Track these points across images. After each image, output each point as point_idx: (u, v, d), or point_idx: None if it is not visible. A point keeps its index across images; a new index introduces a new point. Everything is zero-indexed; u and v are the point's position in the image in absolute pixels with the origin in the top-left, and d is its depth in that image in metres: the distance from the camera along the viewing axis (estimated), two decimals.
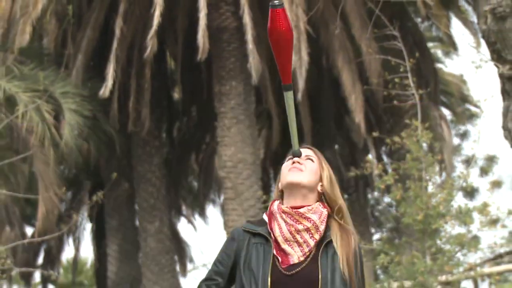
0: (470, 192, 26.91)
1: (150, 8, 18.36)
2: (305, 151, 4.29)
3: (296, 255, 4.10)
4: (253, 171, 19.44)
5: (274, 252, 4.11)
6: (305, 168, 4.21)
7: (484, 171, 34.38)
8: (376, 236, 30.78)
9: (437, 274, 11.78)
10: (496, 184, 31.94)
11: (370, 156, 24.68)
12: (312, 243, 4.11)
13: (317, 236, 4.13)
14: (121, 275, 22.94)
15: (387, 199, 29.46)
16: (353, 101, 19.41)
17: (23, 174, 20.75)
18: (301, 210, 4.15)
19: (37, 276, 30.19)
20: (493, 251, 13.71)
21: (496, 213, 12.31)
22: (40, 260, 28.16)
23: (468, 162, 26.09)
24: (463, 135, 33.37)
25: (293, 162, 4.22)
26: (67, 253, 37.36)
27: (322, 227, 4.15)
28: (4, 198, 20.05)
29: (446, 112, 29.96)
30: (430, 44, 27.00)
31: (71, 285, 38.64)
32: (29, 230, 26.16)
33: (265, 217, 4.28)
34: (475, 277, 18.18)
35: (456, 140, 32.58)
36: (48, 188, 19.42)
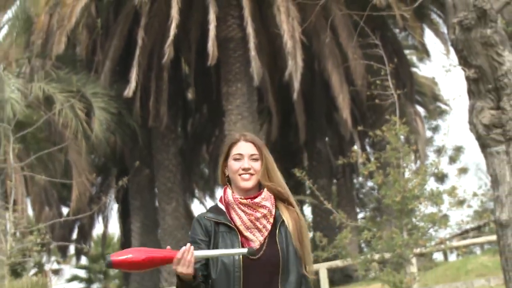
0: (441, 177, 26.86)
1: (167, 21, 18.35)
2: (249, 148, 4.11)
3: (257, 240, 3.98)
4: None
5: (240, 240, 3.97)
6: (254, 171, 4.06)
7: (452, 160, 34.37)
8: (360, 215, 30.84)
9: (413, 247, 11.77)
10: (463, 171, 31.94)
11: (355, 147, 24.69)
12: (269, 226, 4.01)
13: (271, 220, 4.03)
14: None
15: (370, 184, 29.48)
16: (341, 100, 19.40)
17: (60, 162, 20.76)
18: (256, 200, 4.03)
19: (71, 249, 30.22)
20: (460, 227, 13.68)
21: (463, 195, 12.28)
22: (74, 235, 28.18)
23: (439, 151, 26.10)
24: (435, 129, 33.35)
25: (243, 169, 4.04)
26: (97, 230, 37.38)
27: (273, 211, 4.06)
28: (43, 183, 20.07)
29: (420, 109, 29.97)
30: (406, 51, 26.94)
31: (101, 256, 38.70)
32: (65, 210, 26.16)
33: (220, 205, 4.12)
34: (445, 250, 18.23)
35: (428, 133, 32.58)
36: (81, 174, 19.45)
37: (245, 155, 4.11)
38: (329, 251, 12.37)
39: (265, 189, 4.10)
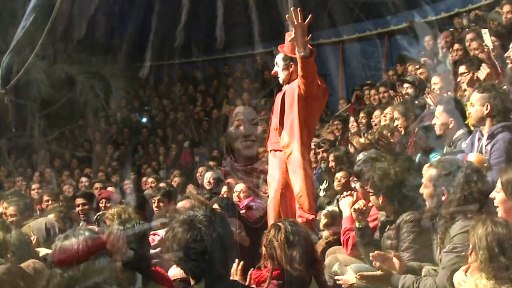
0: (429, 152, 26.86)
1: (179, 8, 18.31)
2: (251, 113, 3.81)
3: (260, 208, 3.64)
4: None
5: (240, 210, 3.59)
6: (255, 138, 3.75)
7: (439, 135, 34.39)
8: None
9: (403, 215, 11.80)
10: (449, 145, 31.93)
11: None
12: (272, 192, 3.64)
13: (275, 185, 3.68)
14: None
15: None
16: (337, 82, 19.41)
17: (81, 138, 20.81)
18: (254, 166, 3.70)
19: (92, 216, 30.28)
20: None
21: (449, 167, 12.29)
22: (94, 204, 28.23)
23: (427, 128, 25.97)
24: (423, 107, 33.32)
25: (244, 136, 3.71)
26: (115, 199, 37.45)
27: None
28: (66, 156, 20.14)
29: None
30: (398, 36, 26.83)
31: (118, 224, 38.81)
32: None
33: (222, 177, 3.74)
34: (432, 217, 18.24)
35: (418, 111, 32.54)
36: (100, 149, 19.50)
37: (246, 122, 3.85)
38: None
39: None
